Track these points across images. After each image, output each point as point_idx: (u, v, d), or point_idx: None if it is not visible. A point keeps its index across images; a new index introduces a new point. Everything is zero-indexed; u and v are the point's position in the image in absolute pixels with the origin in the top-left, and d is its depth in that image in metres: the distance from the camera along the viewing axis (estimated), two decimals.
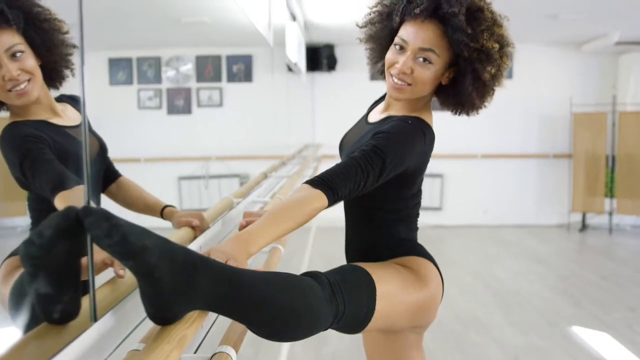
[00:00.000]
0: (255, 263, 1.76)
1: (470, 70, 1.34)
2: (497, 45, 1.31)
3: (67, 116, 1.33)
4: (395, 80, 1.37)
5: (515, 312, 4.00)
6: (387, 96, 1.48)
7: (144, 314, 0.89)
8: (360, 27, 1.50)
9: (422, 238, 1.51)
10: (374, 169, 1.23)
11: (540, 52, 6.99)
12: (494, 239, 6.52)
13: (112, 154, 1.52)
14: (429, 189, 7.08)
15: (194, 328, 0.88)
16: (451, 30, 1.30)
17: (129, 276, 0.94)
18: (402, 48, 1.36)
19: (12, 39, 1.14)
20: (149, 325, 0.92)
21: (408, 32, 1.34)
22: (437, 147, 1.44)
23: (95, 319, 0.79)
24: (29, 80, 1.19)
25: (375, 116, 1.52)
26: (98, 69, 6.82)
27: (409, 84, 1.36)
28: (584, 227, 6.97)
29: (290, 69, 5.36)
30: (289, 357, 3.22)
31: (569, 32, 6.22)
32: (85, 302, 0.82)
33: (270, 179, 2.87)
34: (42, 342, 0.72)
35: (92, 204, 0.81)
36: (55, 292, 0.75)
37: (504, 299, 4.31)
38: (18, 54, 1.16)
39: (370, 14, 1.47)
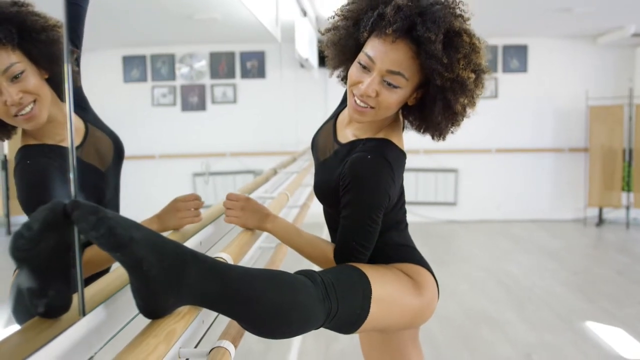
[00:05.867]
0: (261, 260, 1.77)
1: (440, 99, 1.22)
2: (473, 76, 1.20)
3: (79, 129, 1.22)
4: (358, 101, 1.24)
5: (527, 309, 3.97)
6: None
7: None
8: (323, 34, 1.36)
9: (435, 234, 1.50)
10: (368, 247, 1.30)
11: (555, 45, 6.92)
12: (508, 234, 6.46)
13: (126, 151, 1.51)
14: (443, 184, 7.05)
15: (184, 322, 0.89)
16: (425, 56, 1.17)
17: (122, 271, 0.95)
18: (368, 67, 1.22)
19: (8, 59, 1.00)
20: (145, 320, 0.93)
21: (376, 51, 1.20)
22: (452, 142, 1.37)
23: (83, 313, 0.80)
24: (34, 102, 1.06)
25: (342, 130, 1.41)
26: (112, 66, 6.88)
27: (372, 107, 1.24)
28: (600, 221, 6.89)
29: (302, 65, 5.35)
30: (300, 353, 3.23)
31: (583, 25, 6.14)
32: (77, 296, 0.83)
33: (280, 174, 2.88)
34: (29, 335, 0.73)
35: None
36: (40, 286, 0.76)
37: (517, 295, 4.28)
38: (17, 75, 1.02)
39: (334, 17, 1.33)
